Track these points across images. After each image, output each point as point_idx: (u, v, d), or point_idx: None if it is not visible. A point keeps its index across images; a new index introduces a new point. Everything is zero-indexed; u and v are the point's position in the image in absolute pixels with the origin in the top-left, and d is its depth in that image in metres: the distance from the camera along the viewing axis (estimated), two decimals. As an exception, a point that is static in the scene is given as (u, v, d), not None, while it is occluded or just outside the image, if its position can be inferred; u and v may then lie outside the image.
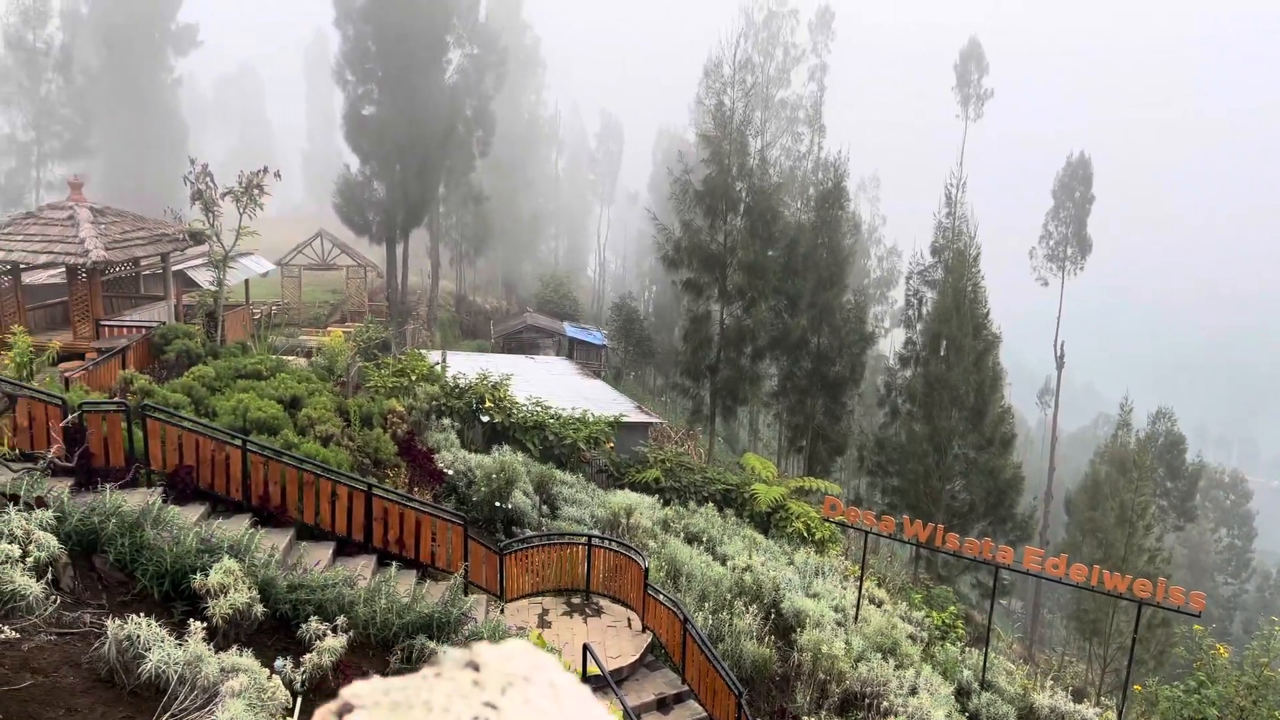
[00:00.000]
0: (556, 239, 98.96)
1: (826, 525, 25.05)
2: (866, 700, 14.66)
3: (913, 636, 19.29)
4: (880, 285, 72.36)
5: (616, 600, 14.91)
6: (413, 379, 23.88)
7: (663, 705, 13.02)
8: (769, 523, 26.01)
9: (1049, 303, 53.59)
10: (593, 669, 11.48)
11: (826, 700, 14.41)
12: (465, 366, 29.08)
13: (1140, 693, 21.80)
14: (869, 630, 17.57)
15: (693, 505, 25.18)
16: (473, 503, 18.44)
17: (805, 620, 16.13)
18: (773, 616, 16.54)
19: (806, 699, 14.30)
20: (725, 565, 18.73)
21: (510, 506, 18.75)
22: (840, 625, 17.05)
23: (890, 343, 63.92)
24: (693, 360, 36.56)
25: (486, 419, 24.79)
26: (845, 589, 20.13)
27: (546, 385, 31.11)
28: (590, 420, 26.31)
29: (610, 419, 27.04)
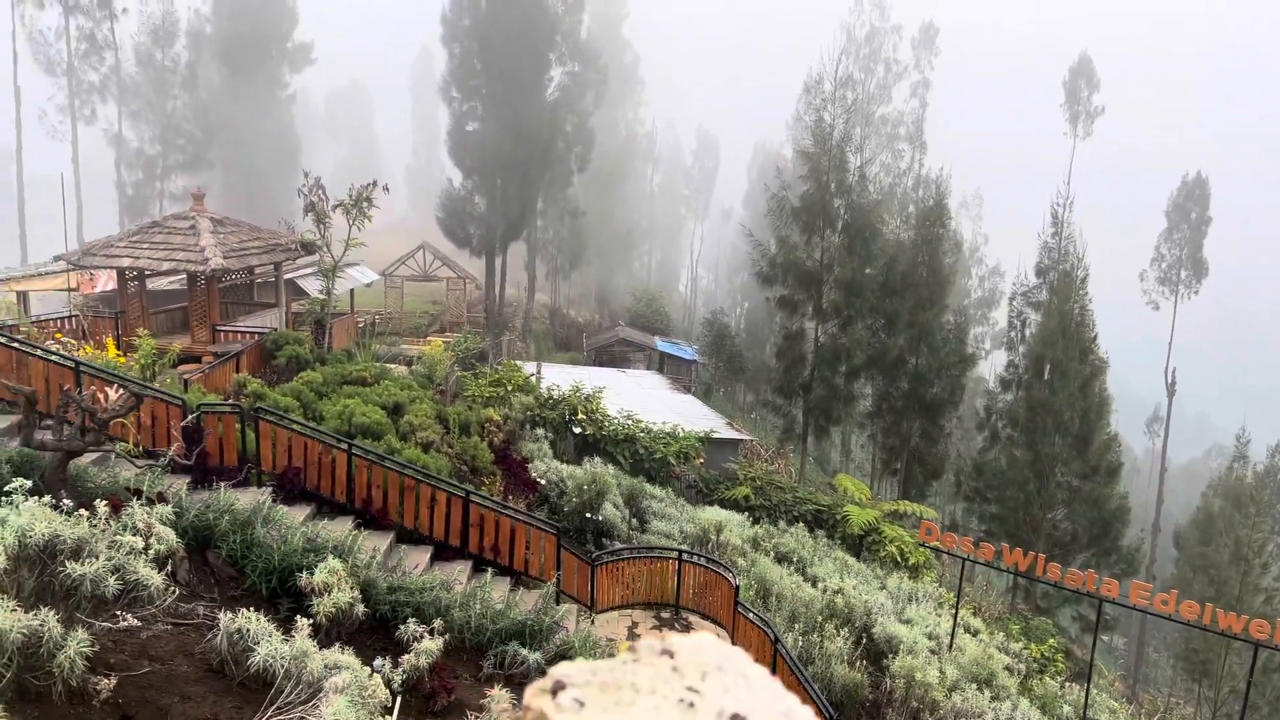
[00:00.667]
0: (649, 253, 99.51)
1: (921, 550, 24.44)
2: (961, 732, 14.23)
3: (1010, 668, 18.65)
4: (981, 306, 70.59)
5: (705, 617, 14.83)
6: (508, 389, 24.29)
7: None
8: (861, 546, 25.53)
9: (1160, 327, 51.38)
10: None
11: (919, 730, 14.05)
12: (559, 378, 29.44)
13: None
14: (964, 659, 17.06)
15: (782, 524, 24.90)
16: (564, 513, 18.61)
17: (898, 646, 15.76)
18: (864, 641, 16.21)
19: (898, 728, 13.97)
20: (816, 587, 18.45)
21: (600, 518, 18.86)
22: (934, 653, 16.61)
23: (990, 365, 62.28)
24: (786, 378, 36.21)
25: (578, 430, 25.03)
26: (939, 616, 19.61)
27: (637, 399, 31.24)
28: (680, 435, 26.31)
29: (700, 434, 26.98)
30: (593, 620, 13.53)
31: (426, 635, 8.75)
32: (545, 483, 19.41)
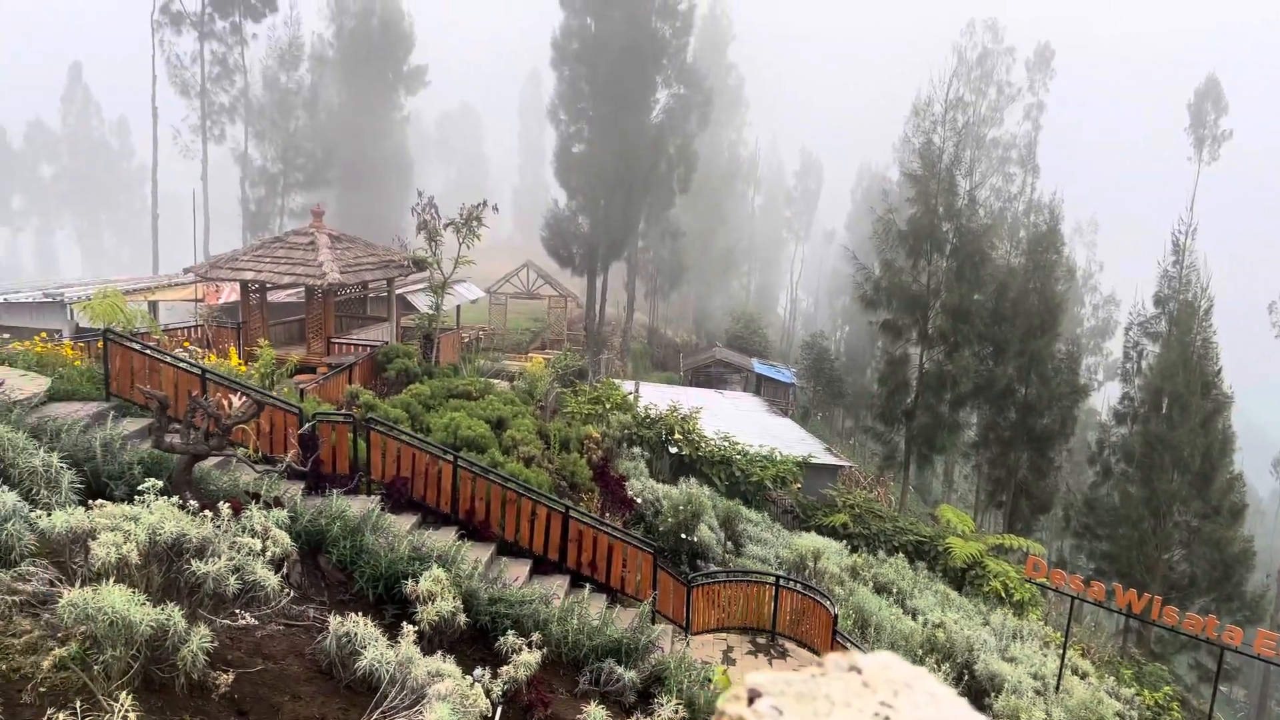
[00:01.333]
0: (748, 275, 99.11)
1: (1027, 586, 23.57)
2: (1068, 780, 13.62)
3: (1120, 715, 17.77)
4: (1095, 335, 67.96)
5: (802, 644, 14.61)
6: (607, 407, 24.49)
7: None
8: (963, 579, 24.76)
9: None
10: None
11: (1023, 775, 13.50)
12: (655, 397, 29.54)
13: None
14: (1071, 703, 16.34)
15: (882, 554, 24.36)
16: (659, 532, 18.62)
17: (1001, 685, 15.22)
18: (965, 678, 15.71)
19: (1001, 771, 13.46)
20: (916, 619, 17.98)
21: (695, 540, 18.81)
22: (1039, 694, 15.97)
23: (1104, 397, 59.72)
24: (888, 404, 35.54)
25: (675, 450, 25.05)
26: (1045, 656, 18.85)
27: (734, 420, 31.08)
28: (778, 459, 26.05)
29: (798, 459, 26.67)
30: (687, 642, 13.47)
31: (525, 648, 8.86)
32: (641, 501, 19.47)
